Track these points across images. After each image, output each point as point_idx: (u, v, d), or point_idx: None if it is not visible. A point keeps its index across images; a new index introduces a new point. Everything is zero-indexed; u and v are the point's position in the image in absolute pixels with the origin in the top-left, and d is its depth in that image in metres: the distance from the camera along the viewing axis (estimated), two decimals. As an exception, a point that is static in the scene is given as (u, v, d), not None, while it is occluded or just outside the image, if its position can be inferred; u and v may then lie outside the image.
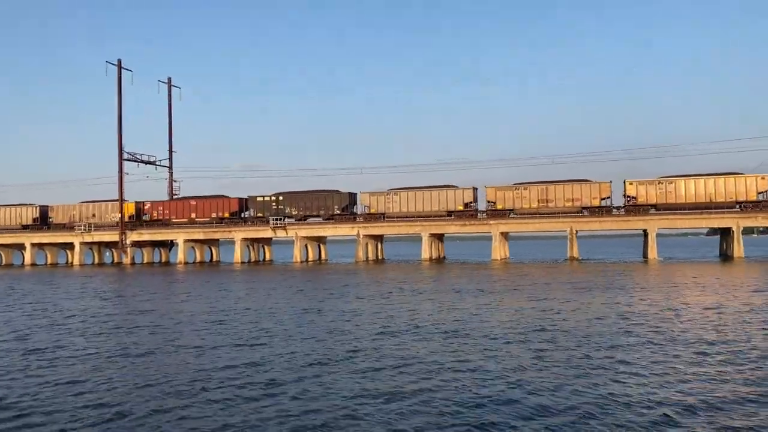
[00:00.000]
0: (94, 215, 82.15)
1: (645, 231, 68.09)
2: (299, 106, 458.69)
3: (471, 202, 68.79)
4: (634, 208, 63.67)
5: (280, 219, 73.82)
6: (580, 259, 66.89)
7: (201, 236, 78.20)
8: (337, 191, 73.81)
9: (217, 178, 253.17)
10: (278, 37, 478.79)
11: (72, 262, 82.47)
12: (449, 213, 69.23)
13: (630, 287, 33.70)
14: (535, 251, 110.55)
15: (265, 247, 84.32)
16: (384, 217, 71.05)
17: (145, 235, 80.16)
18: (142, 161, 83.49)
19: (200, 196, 79.32)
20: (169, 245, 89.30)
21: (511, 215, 67.40)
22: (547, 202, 65.57)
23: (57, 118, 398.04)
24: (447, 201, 68.81)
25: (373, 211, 71.66)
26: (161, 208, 79.98)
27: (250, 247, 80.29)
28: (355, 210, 74.08)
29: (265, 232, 75.62)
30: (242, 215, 77.11)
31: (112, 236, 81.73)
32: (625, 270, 49.32)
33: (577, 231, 65.92)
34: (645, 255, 67.56)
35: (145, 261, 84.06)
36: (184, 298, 32.79)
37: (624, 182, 64.63)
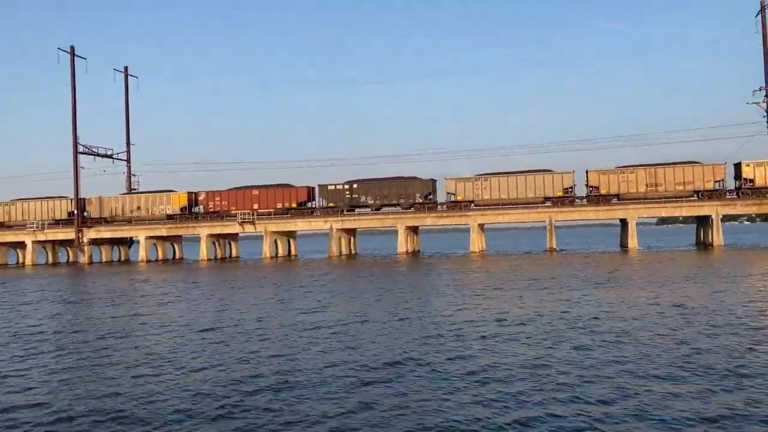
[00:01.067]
0: (138, 207, 74.74)
1: (623, 220, 67.44)
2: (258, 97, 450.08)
3: (570, 187, 64.25)
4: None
5: (248, 214, 70.45)
6: (558, 250, 65.72)
7: (164, 233, 74.28)
8: (418, 178, 68.59)
9: (178, 171, 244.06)
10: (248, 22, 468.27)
11: (23, 262, 77.50)
12: (546, 200, 64.52)
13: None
14: (518, 243, 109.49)
15: (232, 243, 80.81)
16: (473, 205, 66.10)
17: (104, 232, 75.76)
18: (99, 155, 78.93)
19: (264, 185, 71.97)
20: (129, 242, 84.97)
21: (614, 201, 63.37)
22: (656, 186, 62.23)
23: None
24: (545, 186, 64.22)
25: (459, 198, 66.08)
26: (218, 199, 72.38)
27: (216, 244, 76.74)
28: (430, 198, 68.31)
29: (232, 228, 72.20)
30: (306, 205, 70.92)
31: (67, 234, 77.08)
32: (675, 258, 47.97)
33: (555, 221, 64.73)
34: (623, 244, 66.78)
35: (104, 259, 79.57)
36: (161, 301, 29.69)
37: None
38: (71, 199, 76.94)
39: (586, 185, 64.16)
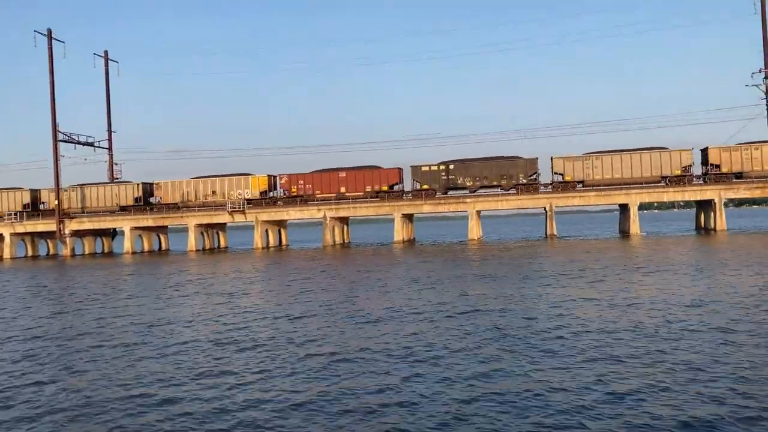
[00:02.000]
0: (214, 192, 69.57)
1: (623, 206, 66.36)
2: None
3: (689, 166, 60.88)
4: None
5: (237, 205, 67.98)
6: (558, 236, 64.43)
7: (150, 223, 71.53)
8: (520, 157, 64.55)
9: (163, 159, 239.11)
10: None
11: (1, 256, 74.27)
12: (662, 179, 61.12)
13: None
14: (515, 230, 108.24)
15: (220, 233, 78.34)
16: (583, 185, 62.59)
17: (87, 223, 72.78)
18: (79, 142, 75.72)
19: (351, 168, 67.64)
20: (112, 234, 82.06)
21: (734, 180, 60.25)
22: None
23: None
24: (661, 164, 60.98)
25: (568, 178, 62.58)
26: (302, 182, 67.65)
27: (204, 234, 74.21)
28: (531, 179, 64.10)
29: (221, 217, 69.69)
30: (395, 188, 66.65)
31: (48, 225, 73.97)
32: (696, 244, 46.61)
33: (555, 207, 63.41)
34: (624, 230, 65.65)
35: (86, 252, 76.60)
36: (171, 298, 27.50)
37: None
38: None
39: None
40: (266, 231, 71.02)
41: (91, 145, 77.63)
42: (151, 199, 71.98)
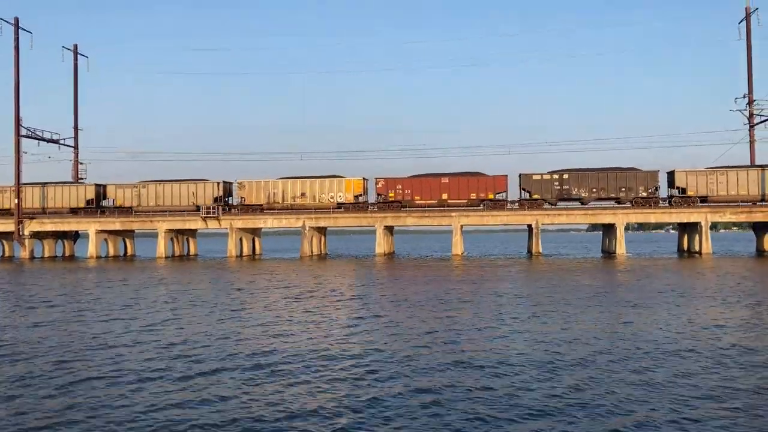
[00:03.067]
0: (303, 194, 64.80)
1: (607, 225, 65.64)
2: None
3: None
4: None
5: (214, 210, 64.93)
6: (544, 255, 63.25)
7: (117, 226, 67.81)
8: (639, 169, 61.53)
9: (136, 160, 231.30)
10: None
11: (-47, 257, 69.54)
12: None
13: None
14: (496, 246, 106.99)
15: (190, 239, 74.99)
16: (707, 200, 59.60)
17: (48, 224, 68.62)
18: (44, 139, 71.62)
19: (455, 173, 63.54)
20: (74, 236, 77.85)
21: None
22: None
23: None
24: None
25: (691, 193, 59.76)
26: (400, 187, 63.44)
27: (174, 240, 70.82)
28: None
29: (194, 223, 66.56)
30: (498, 196, 62.71)
31: (4, 225, 69.55)
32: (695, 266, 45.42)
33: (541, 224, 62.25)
34: (609, 250, 64.93)
35: (46, 255, 72.27)
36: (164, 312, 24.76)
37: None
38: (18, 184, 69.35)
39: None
40: (240, 239, 68.08)
41: (56, 142, 73.58)
42: (230, 200, 67.71)
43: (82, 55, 79.60)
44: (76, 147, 77.12)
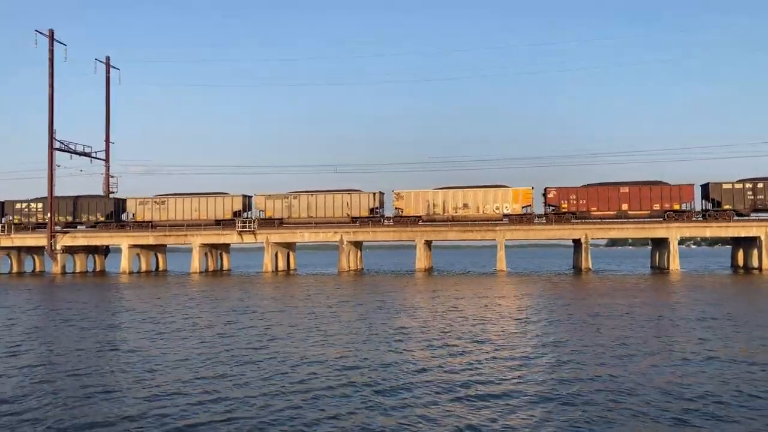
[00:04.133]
0: (465, 205, 60.99)
1: (576, 240, 63.73)
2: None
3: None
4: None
5: (249, 224, 63.24)
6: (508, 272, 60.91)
7: (151, 241, 66.33)
8: None
9: (168, 174, 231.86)
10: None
11: (-16, 271, 68.47)
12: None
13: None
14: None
15: (223, 254, 73.32)
16: None
17: (80, 239, 67.34)
18: (77, 152, 70.60)
19: (634, 182, 59.27)
20: (105, 251, 76.57)
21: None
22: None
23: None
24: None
25: None
26: (574, 197, 59.35)
27: (208, 255, 69.15)
28: None
29: (229, 237, 64.84)
30: (682, 207, 58.25)
31: (36, 239, 68.42)
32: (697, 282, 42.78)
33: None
34: (577, 265, 63.38)
35: (78, 270, 70.92)
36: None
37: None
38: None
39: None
40: (276, 254, 66.23)
41: (88, 155, 72.58)
42: (382, 211, 64.46)
43: (114, 67, 78.78)
44: (107, 160, 75.95)
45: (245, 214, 65.99)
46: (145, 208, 66.48)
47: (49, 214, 66.55)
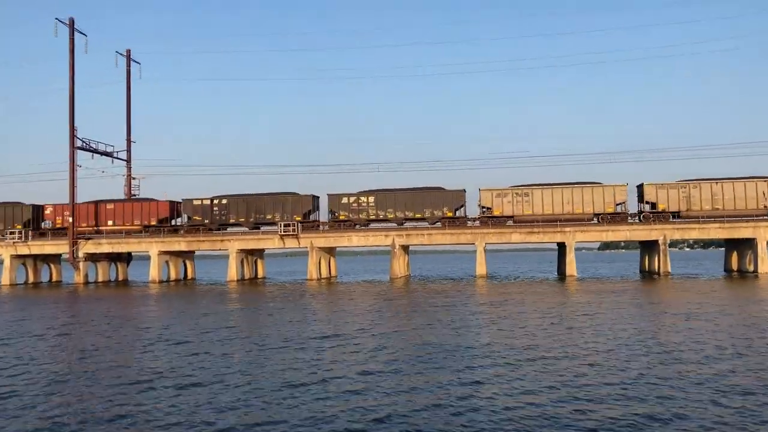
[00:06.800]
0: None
1: (560, 244, 59.46)
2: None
3: (623, 202, 54.88)
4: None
5: (292, 228, 57.88)
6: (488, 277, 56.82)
7: (183, 247, 60.79)
8: None
9: (190, 174, 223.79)
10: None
11: (-1, 281, 62.63)
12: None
13: None
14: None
15: (258, 261, 67.83)
16: None
17: (105, 245, 61.65)
18: (98, 152, 65.07)
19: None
20: (127, 258, 70.96)
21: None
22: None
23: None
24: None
25: None
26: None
27: (244, 261, 63.60)
28: None
29: (270, 242, 59.45)
30: None
31: (57, 247, 62.79)
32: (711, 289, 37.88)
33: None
34: (562, 272, 59.18)
35: (100, 279, 65.18)
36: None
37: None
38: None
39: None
40: (320, 259, 60.86)
41: (110, 155, 67.08)
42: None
43: (134, 61, 73.28)
44: (128, 161, 70.37)
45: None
46: (503, 201, 57.17)
47: (71, 218, 60.94)
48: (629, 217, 55.40)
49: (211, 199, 60.25)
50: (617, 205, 55.15)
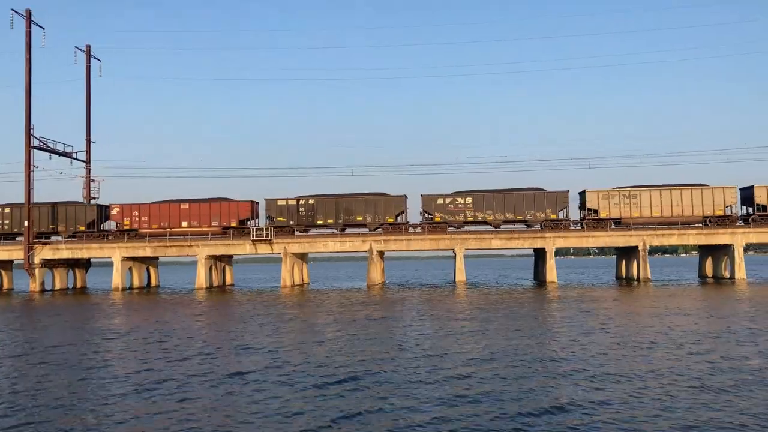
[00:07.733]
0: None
1: (538, 250, 59.02)
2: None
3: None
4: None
5: (265, 233, 55.51)
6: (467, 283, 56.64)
7: (148, 253, 57.70)
8: None
9: (154, 177, 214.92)
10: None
11: (-54, 290, 58.37)
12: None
13: None
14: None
15: (226, 267, 65.08)
16: None
17: (64, 251, 58.06)
18: (56, 152, 61.34)
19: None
20: (86, 265, 67.27)
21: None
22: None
23: None
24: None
25: None
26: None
27: (213, 268, 60.81)
28: None
29: (240, 248, 56.91)
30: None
31: (8, 253, 58.90)
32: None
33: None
34: (540, 278, 59.22)
35: (57, 286, 61.39)
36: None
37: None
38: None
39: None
40: (293, 266, 58.66)
41: (69, 155, 63.33)
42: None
43: (95, 58, 69.71)
44: (88, 162, 66.72)
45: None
46: (611, 202, 54.51)
47: (26, 222, 57.19)
48: (738, 221, 54.60)
49: (297, 199, 56.35)
50: (726, 207, 54.11)
